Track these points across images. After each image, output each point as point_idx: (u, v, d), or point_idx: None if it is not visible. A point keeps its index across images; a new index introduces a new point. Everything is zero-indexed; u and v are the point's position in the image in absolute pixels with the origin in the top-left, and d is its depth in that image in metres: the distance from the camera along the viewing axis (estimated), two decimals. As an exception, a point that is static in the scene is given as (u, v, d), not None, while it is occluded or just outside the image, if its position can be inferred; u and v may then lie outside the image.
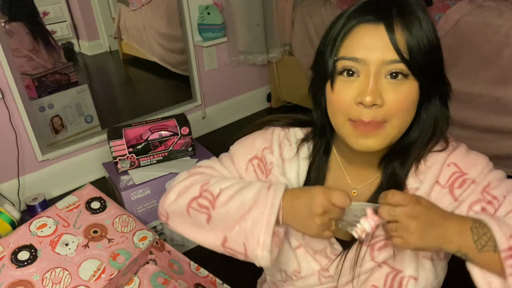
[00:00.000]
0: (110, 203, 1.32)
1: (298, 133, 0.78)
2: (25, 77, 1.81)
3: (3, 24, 1.69)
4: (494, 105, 1.67)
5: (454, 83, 0.66)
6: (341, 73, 0.62)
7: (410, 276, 0.67)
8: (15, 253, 1.12)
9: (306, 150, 0.76)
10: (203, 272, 1.14)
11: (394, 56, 0.58)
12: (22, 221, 1.54)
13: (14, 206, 1.75)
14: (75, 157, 2.04)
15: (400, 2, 0.61)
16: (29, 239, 1.16)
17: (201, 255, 0.95)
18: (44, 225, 1.20)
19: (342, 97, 0.62)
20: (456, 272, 0.74)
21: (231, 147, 0.82)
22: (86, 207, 1.28)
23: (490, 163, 0.67)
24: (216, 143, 2.40)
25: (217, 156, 0.84)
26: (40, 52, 1.86)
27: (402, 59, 0.58)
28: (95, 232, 1.22)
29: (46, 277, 1.09)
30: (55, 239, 1.17)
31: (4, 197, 1.85)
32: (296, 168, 0.74)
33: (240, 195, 0.65)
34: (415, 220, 0.56)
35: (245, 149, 0.79)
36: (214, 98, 2.48)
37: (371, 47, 0.59)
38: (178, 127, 1.51)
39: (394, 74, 0.59)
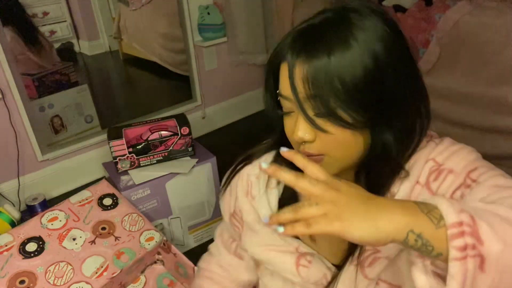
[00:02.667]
0: (122, 200, 1.32)
1: (265, 159, 0.74)
2: (25, 77, 1.81)
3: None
4: (494, 105, 1.66)
5: (454, 83, 0.66)
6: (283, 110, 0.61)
7: None
8: (23, 243, 1.13)
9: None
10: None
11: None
12: (22, 221, 1.54)
13: (14, 206, 1.75)
14: (75, 157, 2.04)
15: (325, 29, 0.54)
16: (39, 231, 1.17)
17: (201, 256, 0.96)
18: (55, 218, 1.21)
19: (288, 130, 0.61)
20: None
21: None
22: (98, 203, 1.29)
23: (475, 152, 0.60)
24: (216, 143, 2.40)
25: (217, 156, 0.84)
26: (33, 54, 1.85)
27: (296, 98, 0.54)
28: (103, 228, 1.22)
29: (49, 270, 1.09)
30: (64, 233, 1.18)
31: (4, 197, 1.85)
32: (265, 202, 0.72)
33: None
34: (339, 193, 0.44)
35: (223, 209, 0.83)
36: (214, 98, 2.48)
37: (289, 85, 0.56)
38: (178, 127, 1.51)
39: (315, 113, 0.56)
